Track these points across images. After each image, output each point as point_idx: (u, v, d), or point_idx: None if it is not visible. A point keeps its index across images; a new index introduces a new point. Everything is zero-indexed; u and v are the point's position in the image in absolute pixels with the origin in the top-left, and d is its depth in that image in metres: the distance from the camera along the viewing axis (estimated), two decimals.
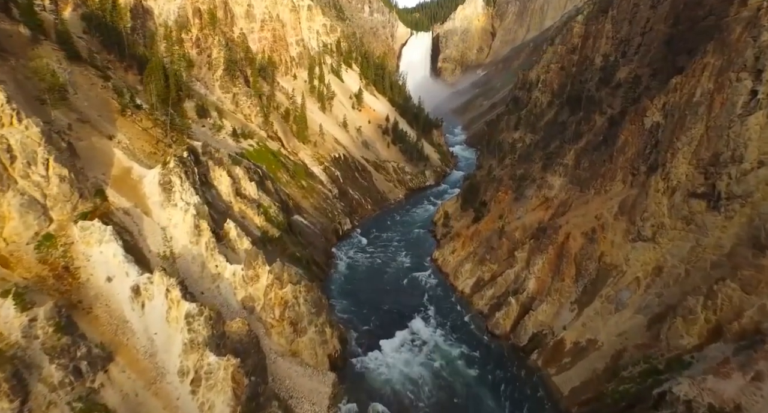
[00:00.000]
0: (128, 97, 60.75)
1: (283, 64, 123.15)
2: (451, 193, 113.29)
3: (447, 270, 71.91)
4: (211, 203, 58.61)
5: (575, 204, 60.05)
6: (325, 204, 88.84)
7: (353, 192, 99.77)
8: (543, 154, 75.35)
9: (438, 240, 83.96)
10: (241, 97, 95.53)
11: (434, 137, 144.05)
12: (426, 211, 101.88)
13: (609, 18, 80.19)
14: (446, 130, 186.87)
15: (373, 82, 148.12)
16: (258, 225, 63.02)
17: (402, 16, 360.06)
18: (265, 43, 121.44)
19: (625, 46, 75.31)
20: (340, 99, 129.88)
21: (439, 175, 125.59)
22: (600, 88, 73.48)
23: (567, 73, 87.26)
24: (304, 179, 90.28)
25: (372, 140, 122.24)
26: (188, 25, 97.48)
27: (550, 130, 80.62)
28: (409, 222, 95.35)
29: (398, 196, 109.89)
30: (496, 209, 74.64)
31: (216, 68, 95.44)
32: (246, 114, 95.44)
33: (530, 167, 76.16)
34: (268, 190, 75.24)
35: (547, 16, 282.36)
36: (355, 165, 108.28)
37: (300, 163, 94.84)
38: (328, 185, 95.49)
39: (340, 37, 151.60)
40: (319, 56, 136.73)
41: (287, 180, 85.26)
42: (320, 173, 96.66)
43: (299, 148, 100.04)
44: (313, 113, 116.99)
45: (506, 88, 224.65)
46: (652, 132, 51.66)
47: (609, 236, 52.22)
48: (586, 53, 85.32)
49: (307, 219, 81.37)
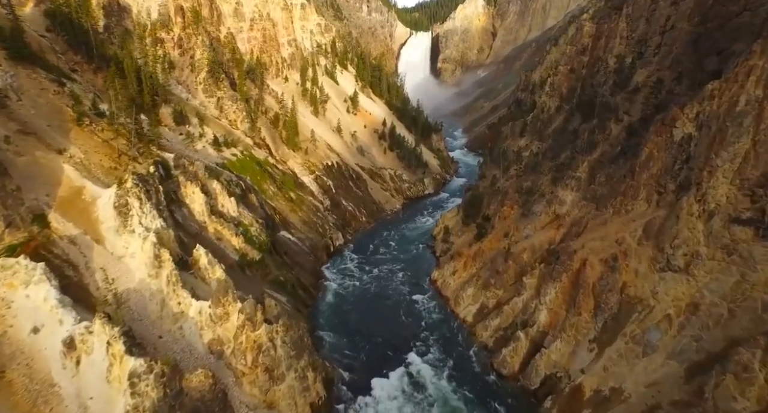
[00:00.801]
0: (90, 103, 54.12)
1: (274, 65, 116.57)
2: (451, 203, 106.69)
3: (447, 294, 65.27)
4: (181, 223, 52.03)
5: (591, 225, 53.38)
6: (315, 218, 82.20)
7: (346, 203, 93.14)
8: (552, 165, 68.73)
9: (437, 258, 77.34)
10: (226, 101, 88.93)
11: (433, 141, 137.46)
12: (425, 223, 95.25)
13: (623, 16, 73.54)
14: (446, 133, 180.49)
15: (369, 85, 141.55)
16: (236, 247, 56.39)
17: (401, 15, 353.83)
18: (255, 43, 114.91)
19: (642, 47, 68.67)
20: (334, 102, 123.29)
21: (439, 183, 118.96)
22: (615, 93, 66.82)
23: (577, 76, 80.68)
24: (293, 191, 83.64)
25: (368, 146, 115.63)
26: (170, 24, 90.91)
27: (560, 138, 73.97)
28: (407, 236, 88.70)
29: (395, 206, 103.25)
30: (500, 225, 68.01)
31: (199, 70, 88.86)
32: (231, 120, 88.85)
33: (538, 179, 69.55)
34: (251, 205, 68.69)
35: (549, 16, 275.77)
36: (349, 173, 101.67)
37: (289, 172, 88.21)
38: (319, 197, 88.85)
39: (335, 37, 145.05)
40: (312, 57, 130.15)
41: (274, 192, 78.63)
42: (311, 183, 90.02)
43: (289, 156, 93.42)
44: (305, 117, 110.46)
45: (508, 89, 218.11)
46: (683, 146, 44.99)
47: (632, 264, 45.57)
48: (597, 54, 78.64)
49: (294, 235, 74.78)
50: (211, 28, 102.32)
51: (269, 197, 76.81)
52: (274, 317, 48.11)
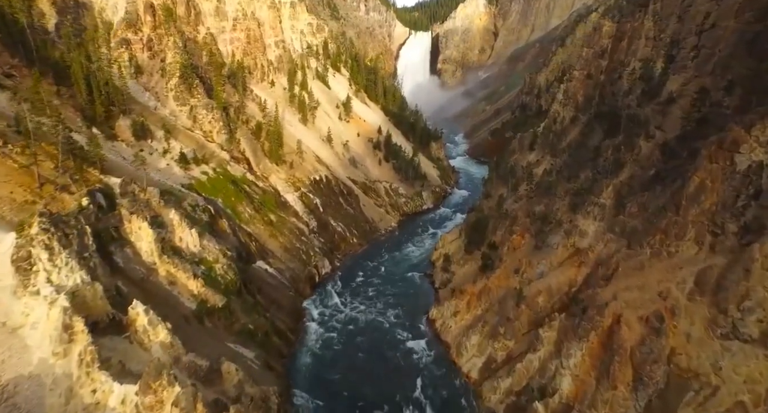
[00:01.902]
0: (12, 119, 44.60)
1: (259, 69, 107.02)
2: (452, 220, 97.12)
3: (448, 339, 55.72)
4: (122, 268, 42.50)
5: (624, 268, 43.76)
6: (298, 243, 72.64)
7: (336, 223, 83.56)
8: (570, 187, 59.13)
9: (436, 290, 67.78)
10: (201, 110, 79.42)
11: (433, 150, 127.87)
12: (423, 245, 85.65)
13: (649, 13, 63.98)
14: (446, 138, 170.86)
15: (364, 89, 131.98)
16: (194, 292, 46.83)
17: (400, 15, 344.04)
18: (238, 45, 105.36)
19: (674, 49, 59.11)
20: (325, 109, 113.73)
21: (439, 196, 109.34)
22: (643, 104, 57.27)
23: (594, 82, 71.14)
24: (274, 212, 74.09)
25: (361, 157, 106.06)
26: (138, 24, 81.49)
27: (577, 154, 64.38)
28: (402, 261, 79.10)
29: (390, 224, 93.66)
30: (510, 258, 58.44)
31: (170, 75, 79.40)
32: (206, 131, 79.35)
33: (553, 203, 59.97)
34: (220, 233, 59.22)
35: (553, 15, 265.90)
36: (339, 189, 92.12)
37: (270, 190, 78.64)
38: (304, 217, 79.27)
39: (327, 37, 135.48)
40: (302, 59, 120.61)
41: (250, 215, 69.08)
42: (295, 202, 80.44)
43: (271, 170, 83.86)
44: (292, 126, 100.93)
45: (511, 91, 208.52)
46: (750, 176, 35.43)
47: (683, 325, 36.00)
48: (618, 58, 69.06)
49: (273, 266, 65.25)
50: (187, 29, 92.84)
51: (244, 221, 67.29)
52: (234, 386, 38.82)
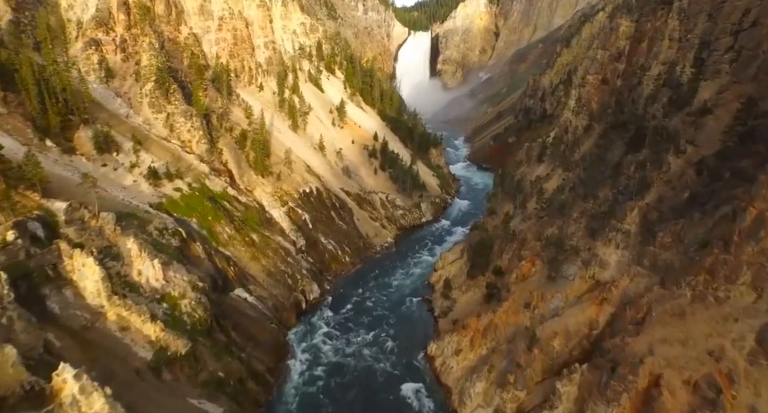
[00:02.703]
0: None
1: (246, 72, 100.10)
2: (453, 235, 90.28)
3: (448, 382, 48.84)
4: (57, 317, 35.63)
5: (659, 313, 36.79)
6: (283, 265, 65.75)
7: (326, 241, 76.66)
8: (586, 208, 52.24)
9: (436, 319, 60.92)
10: (178, 118, 72.53)
11: (432, 156, 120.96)
12: (421, 263, 78.73)
13: (674, 11, 57.17)
14: (446, 142, 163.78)
15: (360, 92, 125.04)
16: (151, 338, 39.93)
17: (399, 14, 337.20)
18: (224, 46, 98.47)
19: (704, 51, 52.35)
20: (317, 114, 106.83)
21: (438, 207, 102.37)
22: (671, 114, 50.43)
23: (611, 88, 64.30)
24: (257, 231, 67.20)
25: (355, 166, 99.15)
26: (110, 23, 74.74)
27: (594, 169, 57.48)
28: (399, 283, 72.21)
29: (386, 240, 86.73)
30: (519, 289, 51.56)
31: (146, 80, 72.56)
32: (184, 141, 72.47)
33: (567, 225, 53.05)
34: (192, 259, 52.39)
35: (556, 14, 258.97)
36: (331, 201, 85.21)
37: (254, 205, 71.73)
38: (291, 235, 72.36)
39: (321, 37, 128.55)
40: (293, 61, 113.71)
41: (230, 236, 62.19)
42: (281, 218, 73.53)
43: (256, 183, 76.97)
44: (281, 133, 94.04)
45: (514, 93, 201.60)
46: None
47: (744, 396, 29.14)
48: (638, 61, 62.26)
49: (254, 293, 58.41)
50: (167, 29, 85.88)
51: (222, 243, 60.41)
52: None
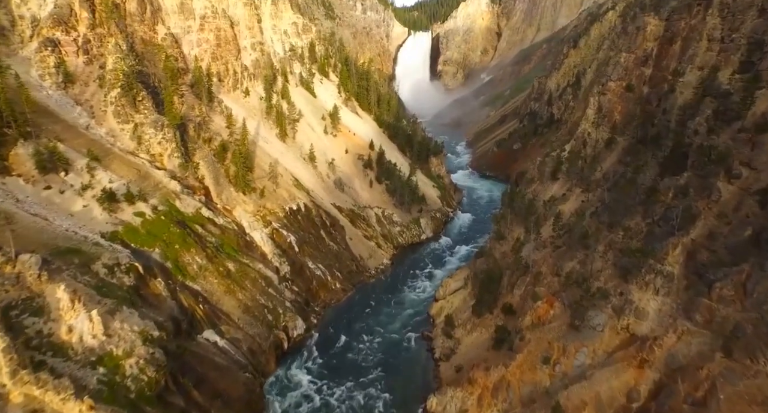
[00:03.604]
0: None
1: (230, 75, 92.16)
2: (455, 254, 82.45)
3: None
4: None
5: (729, 393, 28.89)
6: (263, 298, 57.86)
7: (314, 265, 68.75)
8: (613, 240, 44.33)
9: (437, 362, 53.04)
10: (148, 129, 64.67)
11: (433, 166, 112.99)
12: (420, 289, 70.87)
13: (714, 7, 49.31)
14: (447, 147, 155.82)
15: (355, 96, 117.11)
16: None
17: (399, 14, 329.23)
18: (207, 47, 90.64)
19: (755, 54, 44.63)
20: (308, 121, 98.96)
21: (439, 222, 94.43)
22: (718, 129, 42.58)
23: (637, 96, 56.46)
24: (234, 258, 59.30)
25: (349, 178, 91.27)
26: (71, 21, 66.89)
27: (620, 191, 49.52)
28: (396, 314, 64.36)
29: (382, 261, 78.81)
30: (535, 336, 43.64)
31: (111, 86, 64.65)
32: (154, 154, 64.65)
33: (590, 260, 45.16)
34: (150, 300, 44.56)
35: (560, 14, 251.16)
36: (321, 219, 77.29)
37: (232, 228, 63.83)
38: (274, 261, 64.47)
39: (314, 38, 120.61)
40: (283, 64, 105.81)
41: (201, 266, 54.26)
42: (263, 241, 65.64)
43: (236, 201, 69.09)
44: (268, 143, 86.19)
45: (517, 96, 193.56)
46: None
47: None
48: (668, 65, 54.43)
49: (226, 335, 50.56)
50: (140, 28, 78.08)
51: (191, 276, 52.50)
52: None
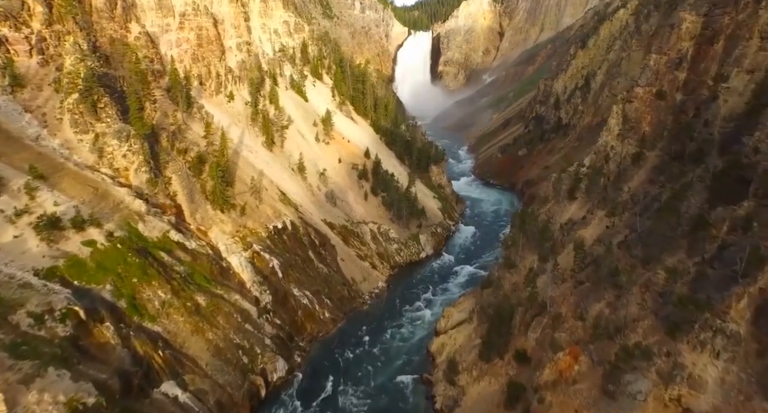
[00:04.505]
0: None
1: (213, 78, 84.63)
2: (458, 275, 74.85)
3: None
4: None
5: None
6: (238, 337, 50.25)
7: (300, 293, 61.15)
8: (652, 280, 36.71)
9: None
10: (111, 139, 57.17)
11: (433, 175, 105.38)
12: (419, 321, 63.20)
13: None
14: (448, 151, 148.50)
15: (350, 100, 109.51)
16: None
17: (398, 13, 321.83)
18: (187, 47, 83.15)
19: None
20: (299, 127, 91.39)
21: (440, 238, 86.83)
22: None
23: (669, 104, 48.91)
24: (206, 289, 51.66)
25: (342, 190, 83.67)
26: (22, 16, 59.28)
27: (655, 216, 41.81)
28: (391, 350, 56.74)
29: (377, 284, 71.24)
30: (557, 400, 35.97)
31: (68, 91, 57.09)
32: (118, 169, 57.13)
33: (623, 304, 37.56)
34: (93, 351, 37.11)
35: (565, 13, 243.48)
36: (309, 238, 69.69)
37: (206, 252, 56.20)
38: (253, 290, 56.92)
39: (307, 38, 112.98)
40: (272, 65, 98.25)
41: (164, 302, 46.65)
42: (242, 267, 58.07)
43: (213, 221, 61.51)
44: (253, 152, 78.62)
45: (521, 98, 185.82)
46: None
47: None
48: (707, 68, 46.78)
49: (191, 386, 43.01)
50: (110, 26, 70.54)
51: (151, 315, 44.89)
52: None
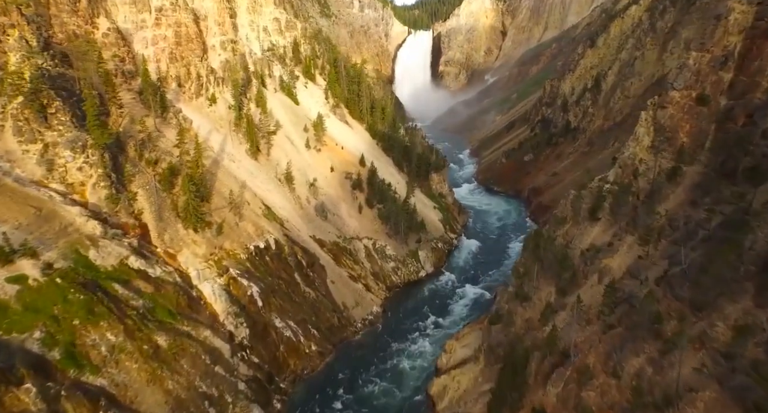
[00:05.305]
0: None
1: (193, 80, 77.19)
2: (462, 297, 67.38)
3: None
4: None
5: None
6: (205, 384, 42.75)
7: (283, 324, 53.67)
8: (710, 336, 29.24)
9: None
10: (63, 150, 49.88)
11: (434, 183, 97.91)
12: (418, 355, 55.74)
13: None
14: (449, 155, 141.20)
15: (345, 102, 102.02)
16: None
17: (398, 12, 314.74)
18: (164, 46, 75.78)
19: None
20: (287, 133, 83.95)
21: (441, 254, 79.32)
22: None
23: (712, 110, 41.53)
24: (169, 326, 44.15)
25: (334, 203, 76.18)
26: None
27: (706, 248, 34.28)
28: (386, 393, 49.27)
29: (371, 309, 63.74)
30: None
31: (12, 94, 49.64)
32: (73, 184, 49.85)
33: (674, 362, 30.05)
34: None
35: (570, 11, 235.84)
36: (295, 259, 62.19)
37: (173, 281, 48.67)
38: (227, 323, 49.41)
39: (299, 36, 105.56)
40: (260, 66, 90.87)
41: (113, 347, 39.16)
42: (215, 296, 50.56)
43: (184, 242, 54.04)
44: (236, 162, 71.19)
45: (526, 100, 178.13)
46: None
47: None
48: (764, 68, 39.28)
49: None
50: (72, 21, 63.23)
51: (94, 365, 37.39)
52: None
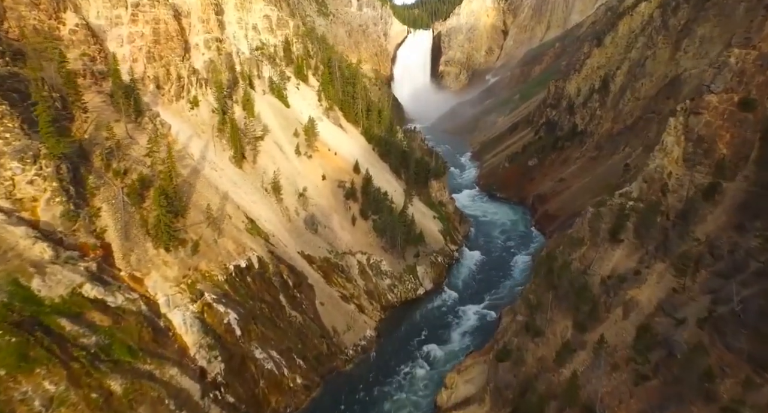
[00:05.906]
0: None
1: (173, 81, 71.51)
2: (463, 319, 61.73)
3: None
4: None
5: None
6: None
7: (264, 355, 47.93)
8: None
9: None
10: (10, 161, 44.15)
11: (433, 190, 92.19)
12: (416, 387, 50.05)
13: None
14: (450, 158, 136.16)
15: (339, 105, 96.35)
16: None
17: (398, 11, 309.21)
18: (141, 44, 70.16)
19: None
20: (276, 138, 78.23)
21: (441, 269, 73.60)
22: None
23: (758, 117, 35.71)
24: (126, 368, 38.42)
25: (325, 214, 70.47)
26: None
27: (757, 281, 28.56)
28: None
29: (365, 333, 58.00)
30: None
31: None
32: (22, 199, 44.10)
33: None
34: None
35: (573, 10, 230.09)
36: (281, 279, 56.48)
37: (136, 310, 42.93)
38: (199, 357, 43.64)
39: (291, 34, 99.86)
40: (248, 66, 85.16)
41: (54, 398, 33.38)
42: (186, 326, 44.81)
43: (153, 263, 48.28)
44: (218, 170, 65.50)
45: (529, 101, 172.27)
46: None
47: None
48: None
49: None
50: (32, 16, 57.56)
51: None
52: None
